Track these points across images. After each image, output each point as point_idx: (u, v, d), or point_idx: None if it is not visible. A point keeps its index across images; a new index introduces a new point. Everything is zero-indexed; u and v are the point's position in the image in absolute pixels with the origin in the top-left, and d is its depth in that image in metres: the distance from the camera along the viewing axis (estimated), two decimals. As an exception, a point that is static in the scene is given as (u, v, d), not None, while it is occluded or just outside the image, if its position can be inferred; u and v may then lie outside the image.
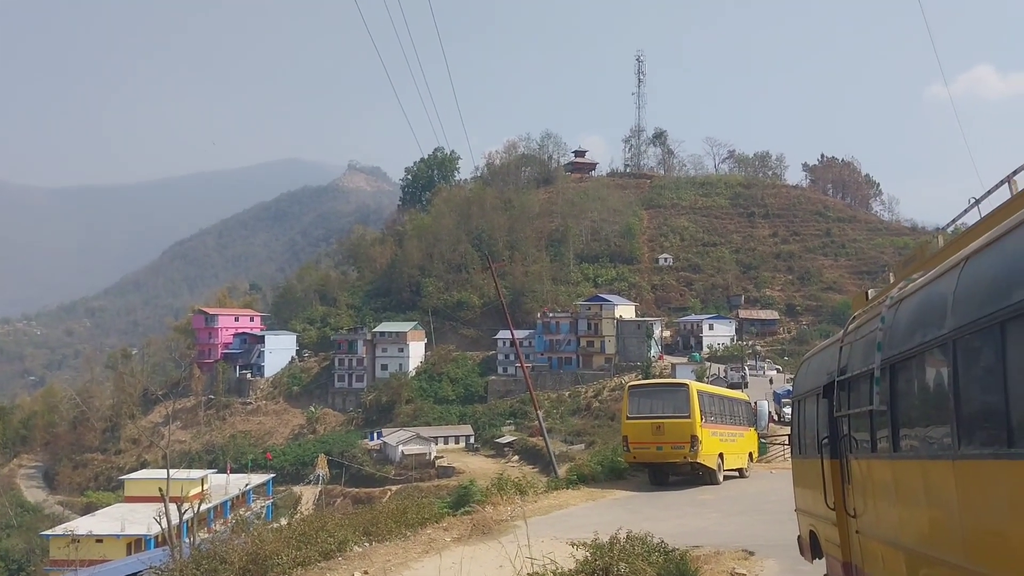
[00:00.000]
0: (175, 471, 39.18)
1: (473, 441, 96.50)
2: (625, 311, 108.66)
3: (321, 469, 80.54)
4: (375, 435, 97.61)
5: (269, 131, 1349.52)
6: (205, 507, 46.02)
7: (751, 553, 12.83)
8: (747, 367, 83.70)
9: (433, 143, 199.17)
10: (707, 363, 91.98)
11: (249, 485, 66.15)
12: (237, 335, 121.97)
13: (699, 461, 22.67)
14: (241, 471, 76.02)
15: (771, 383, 73.39)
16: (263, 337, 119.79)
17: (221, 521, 49.44)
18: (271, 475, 78.21)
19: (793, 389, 11.57)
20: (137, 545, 45.79)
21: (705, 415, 23.03)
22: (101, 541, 46.34)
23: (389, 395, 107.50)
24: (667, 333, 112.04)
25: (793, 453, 11.37)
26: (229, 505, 58.88)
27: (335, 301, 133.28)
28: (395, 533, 14.54)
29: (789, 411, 20.94)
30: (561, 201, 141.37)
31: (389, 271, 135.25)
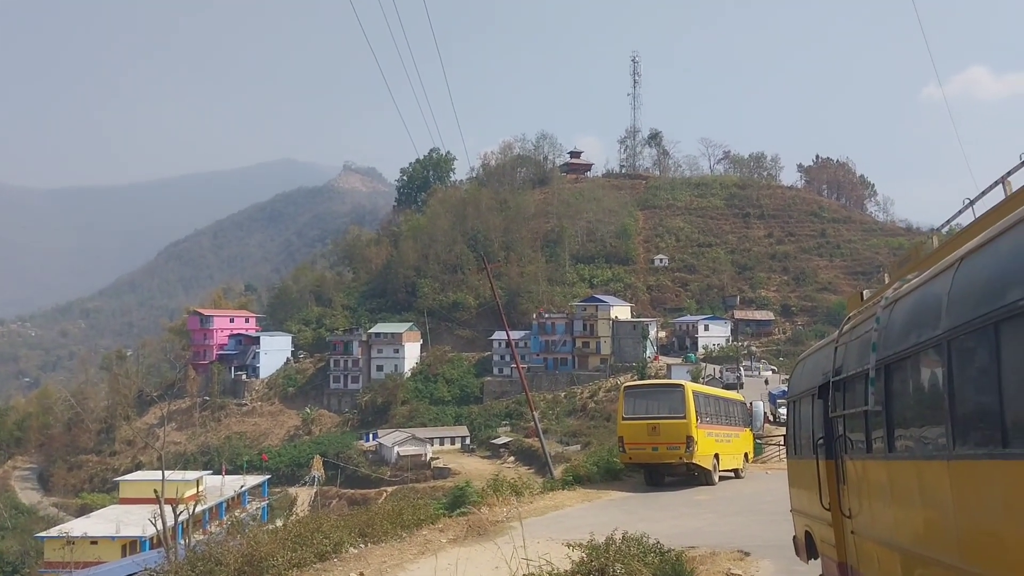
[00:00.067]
0: (170, 473, 39.18)
1: (469, 442, 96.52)
2: (621, 312, 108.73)
3: (317, 470, 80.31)
4: (371, 436, 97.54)
5: (264, 132, 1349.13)
6: (200, 509, 46.09)
7: (747, 554, 12.84)
8: (742, 368, 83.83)
9: (429, 144, 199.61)
10: (702, 364, 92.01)
11: (244, 487, 66.08)
12: (232, 336, 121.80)
13: (695, 462, 22.70)
14: (236, 472, 75.83)
15: (766, 384, 73.50)
16: (258, 338, 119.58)
17: (216, 523, 49.41)
18: (266, 476, 78.17)
19: (788, 390, 11.57)
20: (132, 547, 45.66)
21: (701, 416, 23.06)
22: (96, 543, 46.23)
23: (385, 396, 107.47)
24: (663, 334, 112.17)
25: (788, 454, 11.37)
26: (224, 507, 58.90)
27: (330, 302, 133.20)
28: (391, 534, 14.54)
29: (784, 412, 20.98)
30: (557, 202, 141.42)
31: (385, 272, 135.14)
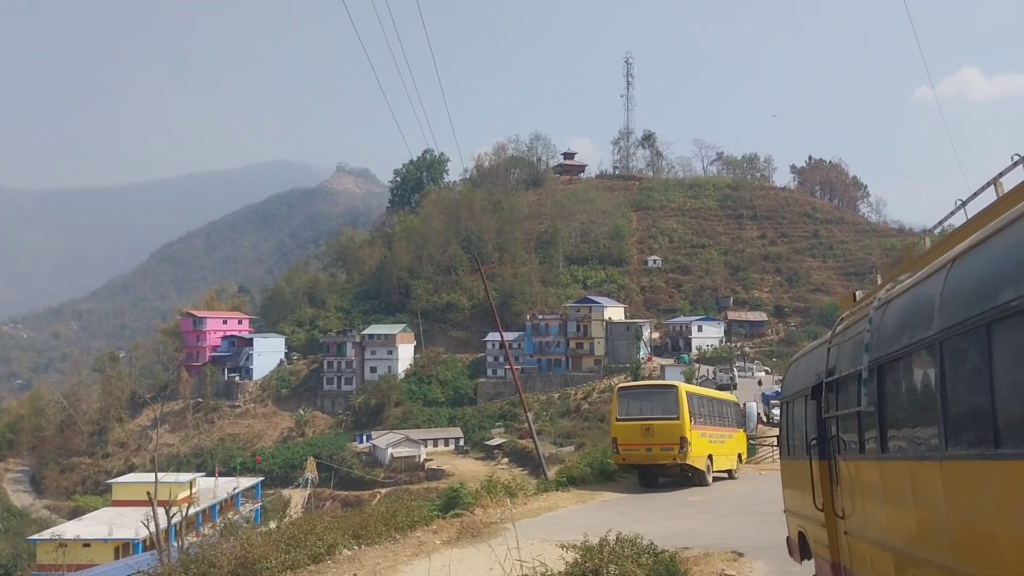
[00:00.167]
0: (163, 475, 39.05)
1: (462, 443, 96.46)
2: (614, 313, 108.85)
3: (310, 472, 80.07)
4: (364, 438, 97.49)
5: (258, 133, 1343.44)
6: (193, 511, 45.96)
7: (740, 554, 12.86)
8: (736, 368, 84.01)
9: (422, 145, 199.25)
10: (696, 365, 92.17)
11: (238, 488, 65.89)
12: (225, 338, 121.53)
13: (688, 463, 22.71)
14: (230, 474, 75.71)
15: (760, 384, 73.61)
16: (251, 340, 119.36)
17: (209, 525, 49.31)
18: (260, 478, 77.93)
19: (781, 390, 11.60)
20: (125, 549, 45.56)
21: (694, 417, 23.07)
22: (88, 545, 46.11)
23: (378, 397, 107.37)
24: (656, 335, 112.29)
25: (782, 454, 11.39)
26: (217, 509, 58.73)
27: (324, 303, 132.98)
28: (384, 536, 14.52)
29: (778, 412, 21.02)
30: (550, 203, 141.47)
31: (378, 273, 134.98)
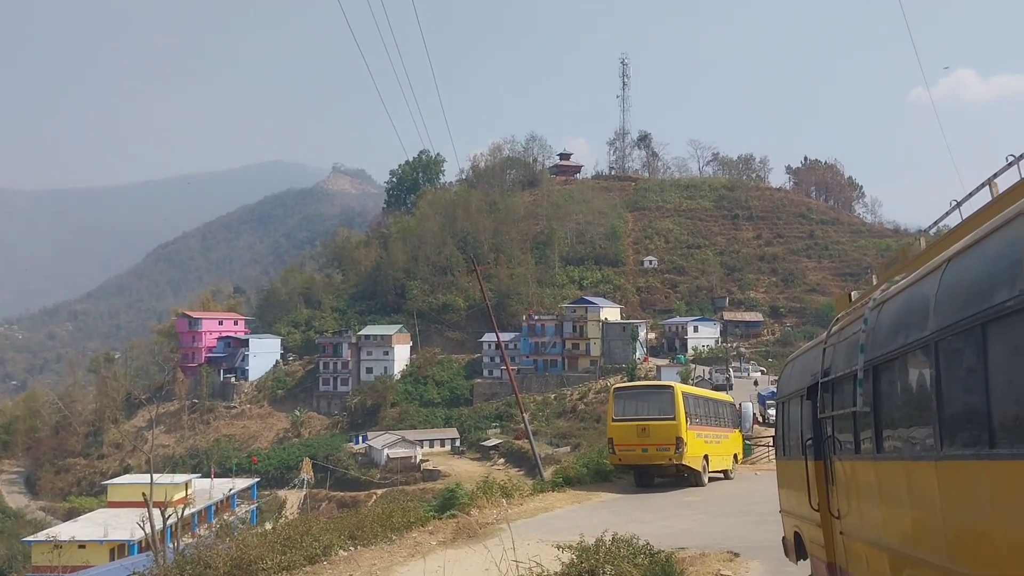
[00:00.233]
0: (159, 476, 38.91)
1: (459, 444, 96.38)
2: (610, 313, 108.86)
3: (306, 473, 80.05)
4: (360, 438, 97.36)
5: (253, 133, 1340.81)
6: (189, 512, 45.90)
7: (736, 554, 12.87)
8: (732, 369, 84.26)
9: (418, 146, 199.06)
10: (692, 365, 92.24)
11: (233, 489, 65.72)
12: (221, 338, 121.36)
13: (684, 463, 22.73)
14: (225, 475, 75.47)
15: (756, 385, 73.72)
16: (247, 340, 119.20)
17: (205, 526, 49.26)
18: (256, 479, 77.89)
19: (777, 391, 11.59)
20: (120, 551, 45.39)
21: (690, 417, 23.09)
22: (84, 547, 45.93)
23: (374, 398, 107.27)
24: (652, 335, 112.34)
25: (777, 455, 11.40)
26: (213, 510, 58.64)
27: (320, 304, 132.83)
28: (380, 537, 14.51)
29: (773, 413, 21.04)
30: (546, 203, 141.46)
31: (374, 274, 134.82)
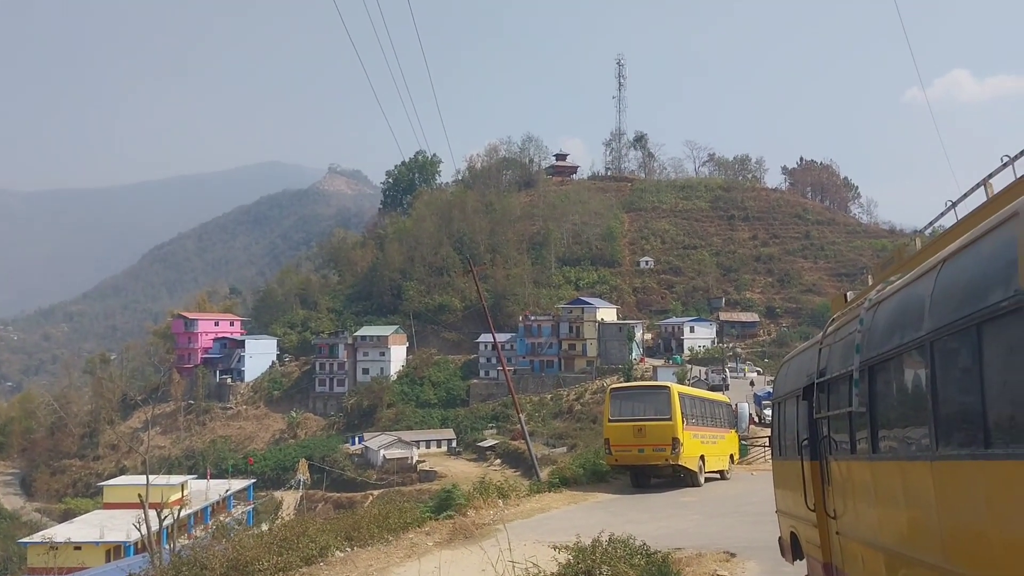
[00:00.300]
0: (154, 477, 38.87)
1: (455, 445, 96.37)
2: (606, 314, 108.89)
3: (302, 474, 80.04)
4: (356, 439, 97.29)
5: (249, 134, 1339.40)
6: (185, 513, 45.86)
7: (733, 555, 12.87)
8: (728, 369, 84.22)
9: (414, 146, 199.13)
10: (688, 365, 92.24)
11: (229, 491, 65.72)
12: (217, 339, 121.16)
13: (680, 463, 22.73)
14: (221, 476, 75.39)
15: (752, 385, 73.67)
16: (243, 341, 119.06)
17: (201, 527, 49.22)
18: (252, 480, 77.71)
19: (773, 391, 11.60)
20: (116, 552, 45.34)
21: (686, 417, 23.09)
22: (80, 548, 45.85)
23: (370, 399, 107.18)
24: (648, 336, 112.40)
25: (774, 455, 11.40)
26: (209, 511, 58.60)
27: (316, 305, 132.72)
28: (377, 538, 14.50)
29: (769, 413, 21.06)
30: (542, 204, 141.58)
31: (370, 275, 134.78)
